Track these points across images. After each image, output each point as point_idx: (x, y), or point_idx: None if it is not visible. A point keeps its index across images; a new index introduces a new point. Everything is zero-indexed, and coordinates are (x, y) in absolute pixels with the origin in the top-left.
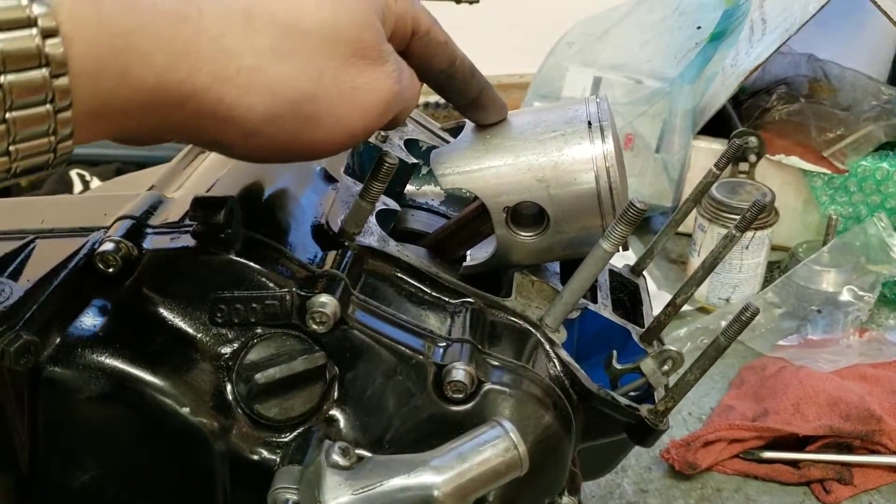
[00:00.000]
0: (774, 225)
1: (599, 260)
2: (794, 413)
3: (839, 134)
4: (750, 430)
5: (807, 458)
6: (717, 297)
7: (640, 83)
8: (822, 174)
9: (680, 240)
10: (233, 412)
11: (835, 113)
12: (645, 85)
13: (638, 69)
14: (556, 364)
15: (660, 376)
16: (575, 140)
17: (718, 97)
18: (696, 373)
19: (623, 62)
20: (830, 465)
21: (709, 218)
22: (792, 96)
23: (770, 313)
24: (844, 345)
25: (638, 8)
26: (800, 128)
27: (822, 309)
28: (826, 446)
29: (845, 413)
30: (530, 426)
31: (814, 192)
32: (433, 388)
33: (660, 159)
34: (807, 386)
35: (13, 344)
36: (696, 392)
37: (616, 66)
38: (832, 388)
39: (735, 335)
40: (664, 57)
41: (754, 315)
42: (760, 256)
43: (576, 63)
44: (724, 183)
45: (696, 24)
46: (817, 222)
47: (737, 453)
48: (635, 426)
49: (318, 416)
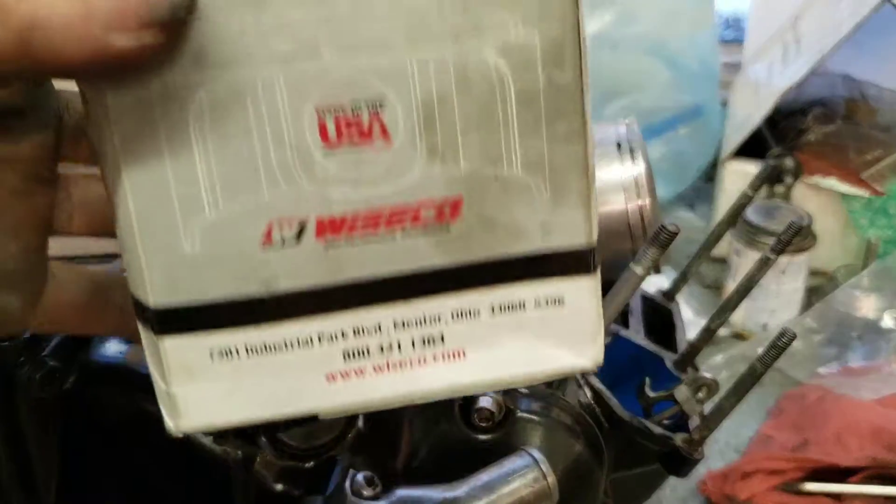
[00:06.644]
0: (812, 249)
1: (631, 284)
2: (835, 443)
3: (877, 155)
4: (790, 462)
5: (849, 491)
6: (754, 323)
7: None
8: (861, 197)
9: (716, 265)
10: (256, 440)
11: (873, 134)
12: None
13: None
14: (586, 391)
15: (694, 404)
16: (604, 162)
17: (752, 118)
18: (732, 400)
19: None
20: (874, 498)
21: (745, 242)
22: (828, 117)
23: (809, 340)
24: (887, 372)
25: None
26: (837, 149)
27: (862, 335)
28: (869, 478)
29: (889, 443)
30: (560, 456)
31: (852, 215)
32: (460, 415)
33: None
34: (848, 415)
35: (38, 371)
36: (733, 421)
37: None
38: (875, 417)
39: (772, 361)
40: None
41: (791, 340)
42: (798, 281)
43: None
44: (759, 206)
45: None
46: (857, 246)
47: (776, 485)
48: (669, 455)
49: (342, 445)
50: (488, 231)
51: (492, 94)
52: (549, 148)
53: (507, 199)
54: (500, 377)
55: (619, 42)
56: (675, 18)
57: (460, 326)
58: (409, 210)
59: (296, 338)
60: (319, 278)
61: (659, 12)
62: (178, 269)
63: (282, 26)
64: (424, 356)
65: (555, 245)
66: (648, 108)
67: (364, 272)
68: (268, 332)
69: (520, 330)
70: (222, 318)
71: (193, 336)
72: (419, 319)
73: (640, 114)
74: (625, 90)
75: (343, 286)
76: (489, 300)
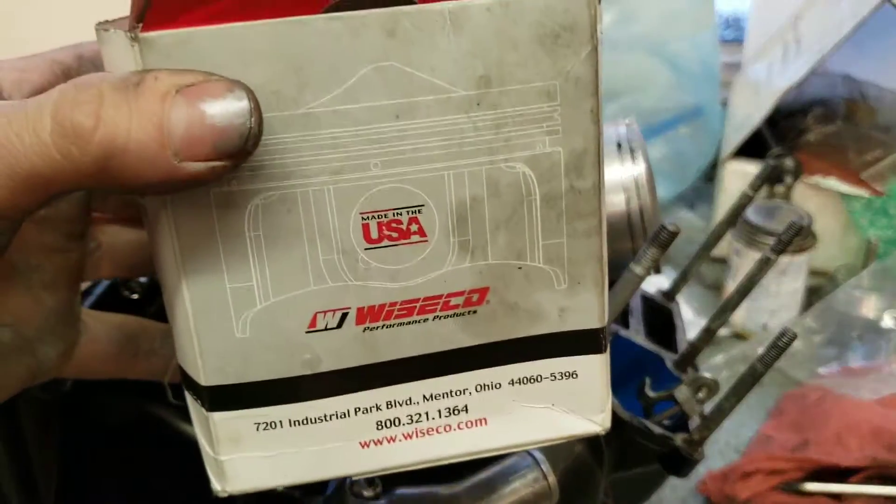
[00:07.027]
0: (812, 249)
1: (631, 284)
2: (835, 443)
3: (877, 155)
4: (790, 462)
5: (850, 491)
6: (754, 324)
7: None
8: (861, 197)
9: (716, 265)
10: None
11: (873, 134)
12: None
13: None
14: None
15: (694, 404)
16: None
17: (752, 118)
18: (733, 400)
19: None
20: (874, 499)
21: (745, 242)
22: (829, 117)
23: (809, 340)
24: (887, 372)
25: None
26: (837, 149)
27: (862, 335)
28: (869, 478)
29: (890, 444)
30: (560, 455)
31: (853, 215)
32: None
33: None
34: (849, 415)
35: None
36: (734, 422)
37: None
38: (875, 417)
39: (772, 361)
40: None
41: (791, 340)
42: (798, 281)
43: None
44: (760, 207)
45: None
46: (857, 246)
47: (776, 485)
48: (669, 456)
49: None
50: (511, 315)
51: (519, 198)
52: (569, 243)
53: (528, 287)
54: (518, 441)
55: (619, 42)
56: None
57: (483, 397)
58: (441, 298)
59: (334, 411)
60: (357, 359)
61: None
62: (228, 353)
63: (334, 144)
64: (450, 424)
65: (570, 327)
66: (649, 108)
67: (398, 353)
68: (309, 406)
69: (537, 400)
70: (268, 395)
71: (241, 411)
72: (446, 392)
73: (641, 114)
74: (625, 90)
75: (378, 365)
76: (510, 374)
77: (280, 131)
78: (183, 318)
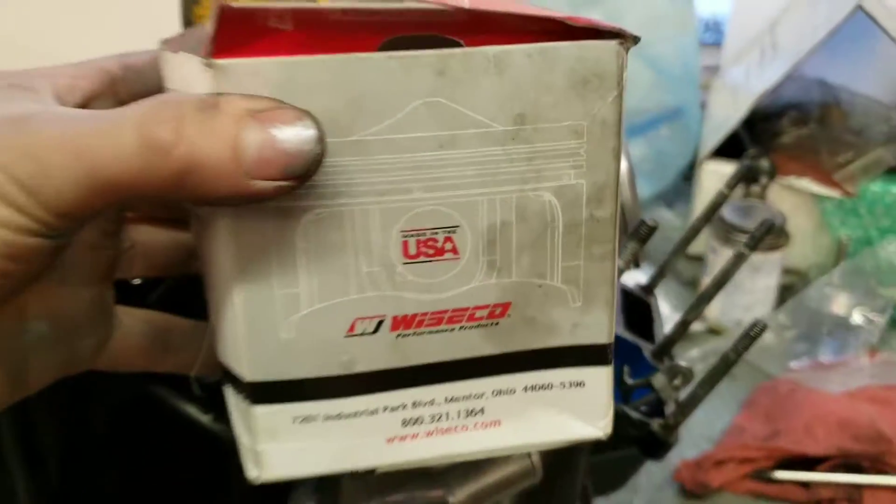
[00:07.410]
0: (786, 247)
1: None
2: (805, 434)
3: (849, 158)
4: (761, 451)
5: (817, 479)
6: (728, 319)
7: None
8: (833, 197)
9: (692, 263)
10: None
11: (845, 137)
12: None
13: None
14: None
15: (670, 391)
16: None
17: (730, 119)
18: (706, 388)
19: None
20: (841, 486)
21: (720, 240)
22: (803, 120)
23: (781, 335)
24: (855, 367)
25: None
26: (811, 151)
27: (832, 331)
28: (836, 467)
29: (855, 434)
30: None
31: (825, 215)
32: None
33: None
34: (818, 407)
35: None
36: (708, 414)
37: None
38: (843, 409)
39: (744, 350)
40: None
41: (762, 330)
42: (772, 279)
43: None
44: (735, 206)
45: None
46: (829, 245)
47: (747, 473)
48: (646, 439)
49: None
50: (529, 328)
51: (544, 224)
52: (585, 266)
53: (546, 304)
54: (528, 442)
55: None
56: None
57: (499, 401)
58: (468, 311)
59: (365, 408)
60: (389, 362)
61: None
62: (273, 352)
63: (382, 169)
64: (467, 424)
65: (581, 341)
66: (631, 108)
67: (425, 358)
68: (342, 403)
69: (547, 405)
70: (307, 391)
71: (281, 405)
72: (466, 395)
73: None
74: None
75: (407, 368)
76: (524, 381)
77: (334, 155)
78: (232, 318)
